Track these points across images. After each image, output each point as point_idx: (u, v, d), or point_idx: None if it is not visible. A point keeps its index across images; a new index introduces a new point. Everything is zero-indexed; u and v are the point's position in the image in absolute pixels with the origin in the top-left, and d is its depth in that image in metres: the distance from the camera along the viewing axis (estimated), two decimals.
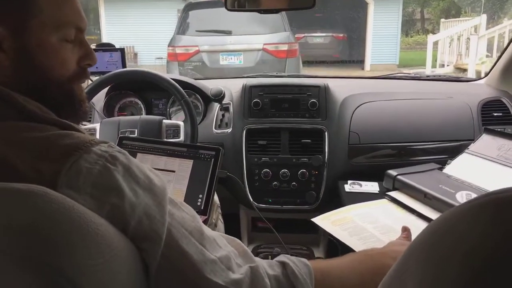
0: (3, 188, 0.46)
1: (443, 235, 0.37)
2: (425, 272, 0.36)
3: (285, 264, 0.68)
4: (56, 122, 0.59)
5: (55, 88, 0.62)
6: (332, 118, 1.52)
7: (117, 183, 0.54)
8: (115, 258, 0.51)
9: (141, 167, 0.58)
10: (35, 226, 0.46)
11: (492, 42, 8.34)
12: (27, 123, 0.56)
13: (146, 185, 0.57)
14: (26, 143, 0.53)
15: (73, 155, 0.52)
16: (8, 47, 0.57)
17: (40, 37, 0.59)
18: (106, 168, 0.54)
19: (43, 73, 0.61)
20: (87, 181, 0.52)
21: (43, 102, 0.60)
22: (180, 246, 0.58)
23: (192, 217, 0.63)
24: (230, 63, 6.22)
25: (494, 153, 1.26)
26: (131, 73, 1.45)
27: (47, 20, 0.59)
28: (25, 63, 0.59)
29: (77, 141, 0.55)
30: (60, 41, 0.61)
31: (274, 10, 1.31)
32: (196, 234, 0.61)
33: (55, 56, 0.61)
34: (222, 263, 0.61)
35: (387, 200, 1.24)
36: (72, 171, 0.52)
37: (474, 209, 0.35)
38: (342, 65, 11.34)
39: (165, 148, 1.23)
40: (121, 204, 0.53)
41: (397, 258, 0.68)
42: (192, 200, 1.18)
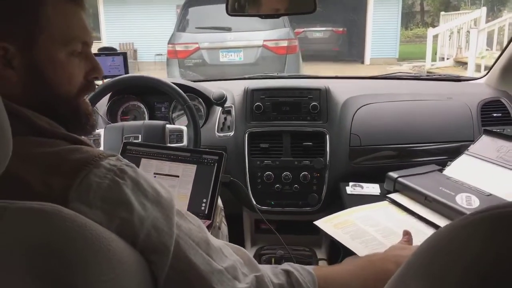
0: (17, 207, 0.47)
1: (441, 250, 0.38)
2: (424, 286, 0.37)
3: (289, 272, 0.70)
4: (65, 136, 0.60)
5: (63, 103, 0.64)
6: (333, 120, 1.54)
7: (126, 197, 0.55)
8: (126, 272, 0.53)
9: (149, 180, 0.60)
10: (49, 244, 0.47)
11: (492, 36, 8.32)
12: (37, 138, 0.57)
13: (154, 198, 0.58)
14: (37, 159, 0.54)
15: (83, 170, 0.54)
16: (17, 64, 0.58)
17: (49, 53, 0.60)
18: (115, 182, 0.55)
19: (51, 89, 0.62)
20: (97, 196, 0.53)
21: (51, 117, 0.62)
22: (188, 257, 0.60)
23: (199, 228, 0.64)
24: (230, 60, 6.21)
25: (493, 155, 1.28)
26: (135, 79, 1.46)
27: (55, 36, 0.60)
28: (34, 79, 0.60)
29: (86, 155, 0.56)
30: (67, 56, 0.62)
31: (275, 15, 1.32)
32: (203, 245, 0.62)
33: (63, 72, 0.62)
34: (228, 273, 0.63)
35: (388, 202, 1.25)
36: (82, 186, 0.53)
37: (471, 225, 0.37)
38: (342, 59, 11.31)
39: (169, 153, 1.24)
40: (130, 218, 0.55)
41: (399, 262, 0.71)
42: (196, 204, 1.19)
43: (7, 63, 0.58)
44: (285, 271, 0.70)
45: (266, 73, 2.08)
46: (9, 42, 0.57)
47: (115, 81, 1.42)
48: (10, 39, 0.57)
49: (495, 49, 8.21)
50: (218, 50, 6.20)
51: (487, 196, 1.14)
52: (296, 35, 6.77)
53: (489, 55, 7.56)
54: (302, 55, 6.52)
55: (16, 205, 0.47)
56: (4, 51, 0.57)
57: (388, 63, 10.85)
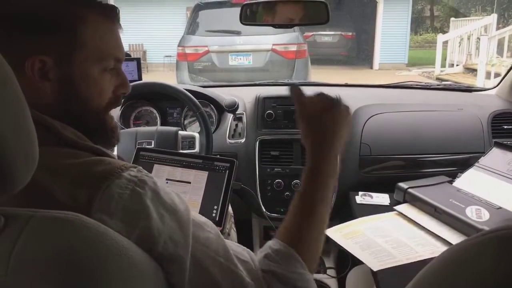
0: (41, 216, 0.49)
1: (451, 266, 0.40)
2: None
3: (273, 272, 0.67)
4: (90, 148, 0.62)
5: (92, 116, 0.66)
6: None
7: (146, 207, 0.57)
8: (144, 281, 0.54)
9: (167, 190, 0.61)
10: (72, 253, 0.48)
11: (502, 43, 8.27)
12: (63, 149, 0.59)
13: (172, 209, 0.60)
14: (63, 170, 0.56)
15: (106, 181, 0.55)
16: (53, 76, 0.61)
17: (83, 69, 0.62)
18: (136, 192, 0.56)
19: (83, 103, 0.64)
20: (118, 206, 0.55)
21: (78, 128, 0.64)
22: (207, 268, 0.61)
23: (217, 236, 0.65)
24: (239, 63, 6.24)
25: (504, 168, 1.28)
26: (150, 85, 1.48)
27: (90, 53, 0.62)
28: (68, 92, 0.62)
29: (109, 167, 0.58)
30: (100, 72, 0.64)
31: (289, 25, 1.33)
32: (222, 252, 0.64)
33: (95, 87, 0.65)
34: (248, 277, 0.64)
35: (396, 213, 1.26)
36: (105, 196, 0.54)
37: (480, 244, 0.39)
38: (350, 64, 11.29)
39: (181, 159, 1.25)
40: (149, 227, 0.56)
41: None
42: (207, 211, 1.20)
43: (44, 75, 0.60)
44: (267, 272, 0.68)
45: (277, 80, 2.09)
46: (47, 55, 0.59)
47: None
48: (48, 52, 0.60)
49: (506, 57, 8.17)
50: (228, 53, 6.23)
51: (497, 209, 1.14)
52: (305, 39, 6.78)
53: (499, 63, 7.51)
54: (310, 59, 6.53)
55: (41, 213, 0.49)
56: (42, 63, 0.59)
57: (397, 68, 10.82)
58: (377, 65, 11.59)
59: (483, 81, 7.58)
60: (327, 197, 0.74)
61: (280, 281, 0.66)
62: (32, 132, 0.48)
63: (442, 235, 1.12)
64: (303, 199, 0.73)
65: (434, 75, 9.50)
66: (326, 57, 10.68)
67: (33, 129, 0.48)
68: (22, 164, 0.46)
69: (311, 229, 0.71)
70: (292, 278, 0.66)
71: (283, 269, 0.66)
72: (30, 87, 0.57)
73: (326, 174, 0.74)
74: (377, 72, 11.23)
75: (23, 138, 0.46)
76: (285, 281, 0.66)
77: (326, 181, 0.74)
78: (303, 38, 6.54)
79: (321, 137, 0.75)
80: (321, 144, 0.75)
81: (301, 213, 0.72)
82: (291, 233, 0.70)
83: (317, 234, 0.72)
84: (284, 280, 0.66)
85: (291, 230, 0.71)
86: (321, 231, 0.73)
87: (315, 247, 0.72)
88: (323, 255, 1.60)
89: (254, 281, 0.64)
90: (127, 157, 1.32)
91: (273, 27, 1.36)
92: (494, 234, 0.38)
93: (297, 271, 0.67)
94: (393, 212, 1.26)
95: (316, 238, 0.72)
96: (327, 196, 0.74)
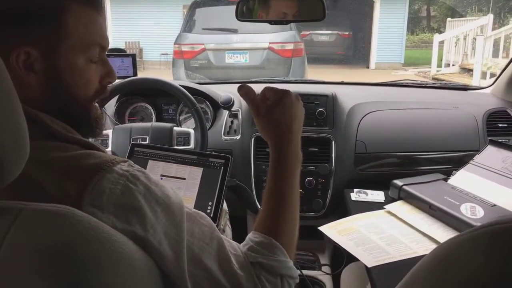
0: (32, 209, 0.48)
1: (443, 261, 0.41)
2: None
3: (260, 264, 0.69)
4: (79, 141, 0.61)
5: (78, 107, 0.65)
6: (339, 127, 1.55)
7: (138, 203, 0.56)
8: (137, 275, 0.54)
9: (160, 185, 0.60)
10: (64, 246, 0.47)
11: (498, 43, 8.31)
12: (52, 142, 0.58)
13: (165, 204, 0.59)
14: (52, 163, 0.55)
15: (96, 175, 0.55)
16: (38, 68, 0.60)
17: (69, 59, 0.61)
18: (128, 188, 0.56)
19: (69, 94, 0.63)
20: (110, 201, 0.54)
21: (66, 121, 0.63)
22: (203, 261, 0.61)
23: (212, 229, 0.65)
24: (235, 61, 6.23)
25: (498, 165, 1.28)
26: (144, 81, 1.47)
27: (75, 42, 0.61)
28: (54, 84, 0.62)
29: (99, 160, 0.57)
30: (86, 61, 0.64)
31: (284, 21, 1.33)
32: (217, 246, 0.64)
33: (81, 77, 0.64)
34: (241, 269, 0.65)
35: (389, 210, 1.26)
36: (95, 190, 0.54)
37: (472, 239, 0.39)
38: (347, 63, 11.31)
39: (176, 155, 1.25)
40: (142, 224, 0.56)
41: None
42: (202, 207, 1.20)
43: (29, 67, 0.59)
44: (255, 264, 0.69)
45: (273, 77, 2.09)
46: (32, 47, 0.58)
47: (124, 83, 1.44)
48: (33, 44, 0.59)
49: (501, 57, 8.20)
50: (224, 51, 6.22)
51: (492, 207, 1.15)
52: (302, 38, 6.78)
53: (494, 66, 7.55)
54: (307, 57, 6.53)
55: (31, 206, 0.48)
56: (27, 55, 0.58)
57: (393, 68, 10.84)
58: (374, 64, 11.61)
59: (478, 81, 7.61)
60: (296, 182, 0.77)
61: (267, 271, 0.67)
62: (23, 124, 0.47)
63: (436, 232, 1.12)
64: (274, 189, 0.75)
65: (430, 75, 9.53)
66: (323, 56, 10.69)
67: (24, 121, 0.48)
68: (13, 156, 0.46)
69: (285, 216, 0.73)
70: (276, 266, 0.68)
71: (267, 259, 0.68)
72: (15, 80, 0.56)
73: (291, 160, 0.77)
74: (373, 71, 11.26)
75: (14, 130, 0.46)
76: (270, 270, 0.67)
77: (292, 166, 0.77)
78: (300, 36, 6.54)
79: (279, 127, 0.78)
80: (280, 133, 0.78)
81: (274, 202, 0.74)
82: (267, 223, 0.72)
83: (291, 220, 0.74)
84: (269, 269, 0.67)
85: (266, 220, 0.73)
86: (295, 217, 0.75)
87: (291, 234, 0.73)
88: (318, 252, 1.60)
89: (245, 273, 0.65)
90: (121, 153, 1.32)
91: (269, 24, 1.36)
92: (485, 229, 0.38)
93: (279, 258, 0.69)
94: (387, 209, 1.26)
95: (291, 225, 0.74)
96: (295, 181, 0.77)
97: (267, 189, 0.76)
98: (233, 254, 0.66)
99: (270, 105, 0.79)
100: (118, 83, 1.45)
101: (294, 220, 0.74)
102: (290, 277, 0.70)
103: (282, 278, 0.69)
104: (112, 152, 1.37)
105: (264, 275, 0.67)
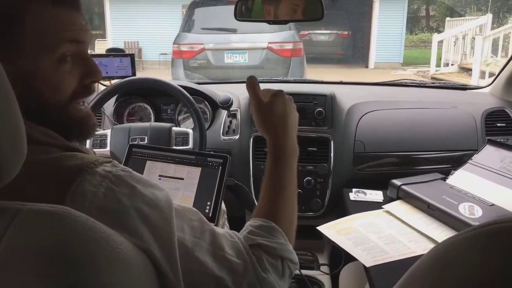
0: (29, 209, 0.48)
1: (441, 260, 0.41)
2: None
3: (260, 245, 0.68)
4: (60, 144, 0.59)
5: (53, 111, 0.61)
6: (338, 126, 1.55)
7: (123, 206, 0.54)
8: (134, 275, 0.53)
9: (146, 183, 0.59)
10: (61, 246, 0.47)
11: (497, 42, 8.32)
12: (35, 146, 0.55)
13: (152, 202, 0.57)
14: (31, 166, 0.53)
15: (77, 178, 0.53)
16: (8, 74, 0.56)
17: (35, 62, 0.58)
18: (111, 190, 0.54)
19: (39, 98, 0.60)
20: (93, 205, 0.52)
21: (47, 125, 0.60)
22: (197, 257, 0.60)
23: (201, 223, 0.64)
24: (235, 61, 6.23)
25: (497, 165, 1.29)
26: (143, 81, 1.47)
27: (36, 45, 0.57)
28: (22, 89, 0.56)
29: (81, 162, 0.55)
30: (55, 64, 0.59)
31: (283, 21, 1.33)
32: (209, 238, 0.63)
33: (47, 81, 0.59)
34: (237, 257, 0.64)
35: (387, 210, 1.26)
36: (77, 194, 0.52)
37: (470, 238, 0.39)
38: (346, 63, 11.32)
39: (174, 155, 1.25)
40: (129, 226, 0.54)
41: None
42: (200, 207, 1.20)
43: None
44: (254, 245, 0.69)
45: (272, 77, 2.09)
46: None
47: (123, 83, 1.44)
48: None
49: (500, 56, 8.21)
50: (223, 51, 6.21)
51: (490, 206, 1.15)
52: (301, 38, 6.78)
53: (493, 63, 7.56)
54: (306, 57, 6.53)
55: (28, 207, 0.48)
56: None
57: (392, 68, 10.85)
58: (373, 64, 11.62)
59: (477, 80, 7.62)
60: (294, 174, 0.80)
61: (268, 253, 0.67)
62: (21, 125, 0.47)
63: (434, 232, 1.12)
64: (272, 179, 0.78)
65: (429, 74, 9.53)
66: (322, 56, 10.69)
67: (21, 122, 0.47)
68: (11, 157, 0.45)
69: (285, 204, 0.75)
70: (277, 248, 0.68)
71: (268, 240, 0.68)
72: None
73: (289, 151, 0.80)
74: (372, 71, 11.27)
75: (12, 132, 0.45)
76: (272, 252, 0.68)
77: (290, 157, 0.80)
78: (299, 36, 6.54)
79: (278, 120, 0.83)
80: (277, 126, 0.82)
81: (273, 191, 0.76)
82: (266, 209, 0.74)
83: (290, 209, 0.76)
84: (271, 251, 0.68)
85: (265, 207, 0.75)
86: (294, 206, 0.77)
87: (290, 222, 0.75)
88: (316, 252, 1.60)
89: (243, 260, 0.64)
90: (120, 153, 1.32)
91: (267, 23, 1.35)
92: (483, 228, 0.38)
93: (279, 241, 0.69)
94: (385, 209, 1.26)
95: (290, 213, 0.76)
96: (293, 171, 0.80)
97: (267, 179, 0.78)
98: (229, 241, 0.65)
99: (267, 101, 0.85)
100: (116, 83, 1.45)
101: (293, 209, 0.77)
102: (290, 261, 0.70)
103: (283, 261, 0.69)
104: (110, 152, 1.36)
105: (265, 256, 0.67)
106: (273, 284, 0.66)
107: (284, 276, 0.69)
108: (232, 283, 0.62)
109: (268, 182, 0.78)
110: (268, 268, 0.66)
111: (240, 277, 0.63)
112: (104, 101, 1.43)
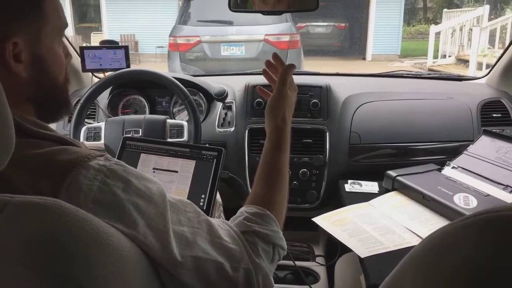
0: (18, 201, 0.48)
1: (433, 251, 0.41)
2: (415, 285, 0.39)
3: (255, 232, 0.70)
4: (53, 137, 0.60)
5: (60, 90, 0.67)
6: (333, 118, 1.54)
7: (118, 199, 0.55)
8: (126, 266, 0.53)
9: (140, 177, 0.59)
10: (51, 238, 0.47)
11: (494, 34, 8.31)
12: (26, 139, 0.57)
13: (146, 196, 0.58)
14: (24, 161, 0.54)
15: (71, 172, 0.53)
16: (25, 57, 0.59)
17: (48, 44, 0.62)
18: (106, 184, 0.54)
19: (52, 79, 0.64)
20: (88, 198, 0.53)
21: (46, 108, 0.64)
22: (197, 244, 0.62)
23: (197, 213, 0.65)
24: (231, 53, 6.20)
25: (492, 155, 1.29)
26: (136, 73, 1.46)
27: (52, 26, 0.62)
28: (39, 71, 0.62)
29: (74, 156, 0.55)
30: (59, 45, 0.65)
31: (278, 11, 1.32)
32: (206, 228, 0.64)
33: (58, 60, 0.65)
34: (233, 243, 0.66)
35: (384, 199, 1.26)
36: (71, 188, 0.52)
37: (462, 228, 0.39)
38: (343, 55, 11.29)
39: (168, 148, 1.24)
40: (124, 220, 0.55)
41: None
42: (195, 200, 1.19)
43: (16, 57, 0.58)
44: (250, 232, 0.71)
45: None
46: (19, 36, 0.58)
47: (117, 75, 1.42)
48: (20, 34, 0.58)
49: (497, 48, 8.21)
50: (220, 43, 6.18)
51: (485, 197, 1.15)
52: (298, 30, 6.74)
53: (491, 54, 7.56)
54: (303, 49, 6.50)
55: (17, 199, 0.48)
56: (14, 46, 0.58)
57: (389, 60, 10.83)
58: (370, 56, 11.59)
59: (474, 71, 7.62)
60: (288, 159, 0.84)
61: (262, 240, 0.70)
62: (9, 117, 0.47)
63: (429, 222, 1.12)
64: (268, 165, 0.81)
65: (426, 66, 9.52)
66: (319, 48, 10.66)
67: (9, 113, 0.47)
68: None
69: (279, 189, 0.79)
70: (271, 235, 0.71)
71: (263, 228, 0.71)
72: (8, 72, 0.57)
73: (287, 136, 0.85)
74: (370, 63, 11.24)
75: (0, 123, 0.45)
76: (266, 239, 0.70)
77: (288, 143, 0.85)
78: (296, 28, 6.51)
79: (287, 107, 0.88)
80: (286, 113, 0.87)
81: (271, 177, 0.80)
82: (261, 197, 0.77)
83: (283, 192, 0.80)
84: (265, 238, 0.70)
85: (260, 194, 0.77)
86: (285, 194, 0.81)
87: (281, 205, 0.79)
88: (312, 243, 1.60)
89: (238, 246, 0.67)
90: (114, 146, 1.31)
91: (262, 14, 1.34)
92: (476, 218, 0.38)
93: (273, 229, 0.72)
94: (380, 198, 1.26)
95: (282, 196, 0.80)
96: (287, 157, 0.84)
97: (264, 165, 0.81)
98: (224, 229, 0.67)
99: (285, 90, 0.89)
100: (110, 75, 1.44)
101: (285, 192, 0.81)
102: (281, 247, 0.73)
103: (275, 247, 0.72)
104: (104, 145, 1.36)
105: (260, 243, 0.70)
106: (265, 269, 0.68)
107: (273, 261, 0.72)
108: (230, 268, 0.64)
109: (265, 167, 0.81)
110: (261, 254, 0.69)
111: (237, 262, 0.65)
112: (98, 93, 1.42)
